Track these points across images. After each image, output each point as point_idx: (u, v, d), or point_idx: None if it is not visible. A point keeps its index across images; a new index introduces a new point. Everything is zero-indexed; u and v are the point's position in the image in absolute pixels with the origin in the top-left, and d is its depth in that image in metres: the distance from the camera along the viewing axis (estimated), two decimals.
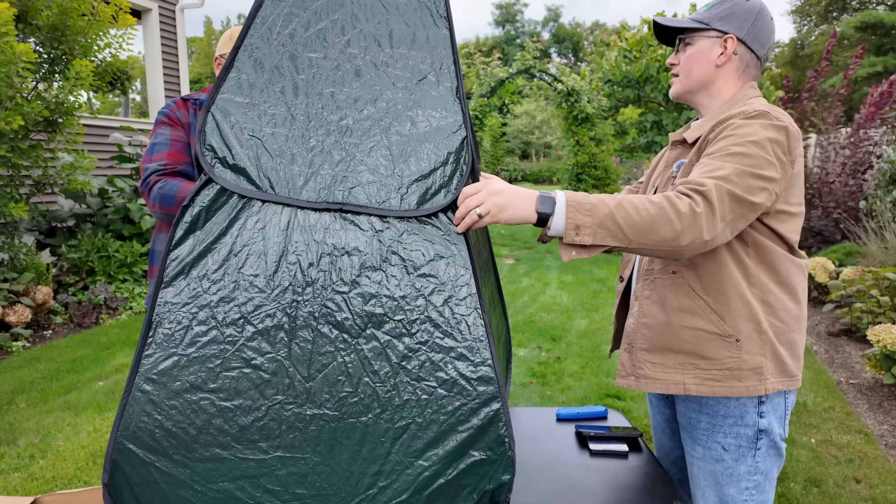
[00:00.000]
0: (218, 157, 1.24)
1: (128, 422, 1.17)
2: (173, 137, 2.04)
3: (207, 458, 1.17)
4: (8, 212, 4.66)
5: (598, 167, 10.64)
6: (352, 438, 1.18)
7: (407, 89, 1.28)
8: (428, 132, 1.26)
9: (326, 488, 1.18)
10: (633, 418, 3.44)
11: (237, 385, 1.18)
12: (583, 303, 6.23)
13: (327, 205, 1.21)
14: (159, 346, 1.18)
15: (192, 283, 1.20)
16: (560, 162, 20.28)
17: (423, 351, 1.18)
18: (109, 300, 5.66)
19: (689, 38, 1.50)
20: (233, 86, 1.27)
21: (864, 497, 2.66)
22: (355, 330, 1.19)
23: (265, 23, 1.30)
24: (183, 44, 9.88)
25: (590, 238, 1.18)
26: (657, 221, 1.18)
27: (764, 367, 1.36)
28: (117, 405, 3.61)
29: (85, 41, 4.97)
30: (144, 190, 1.97)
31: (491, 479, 1.18)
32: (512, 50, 13.23)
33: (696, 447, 1.46)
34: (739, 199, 1.25)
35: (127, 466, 1.17)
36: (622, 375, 1.49)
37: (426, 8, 1.31)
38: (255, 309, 1.19)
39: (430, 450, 1.17)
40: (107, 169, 7.28)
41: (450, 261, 1.21)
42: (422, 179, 1.23)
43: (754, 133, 1.31)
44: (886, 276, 4.58)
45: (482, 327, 1.20)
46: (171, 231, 1.22)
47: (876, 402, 3.71)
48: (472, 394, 1.18)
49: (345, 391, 1.18)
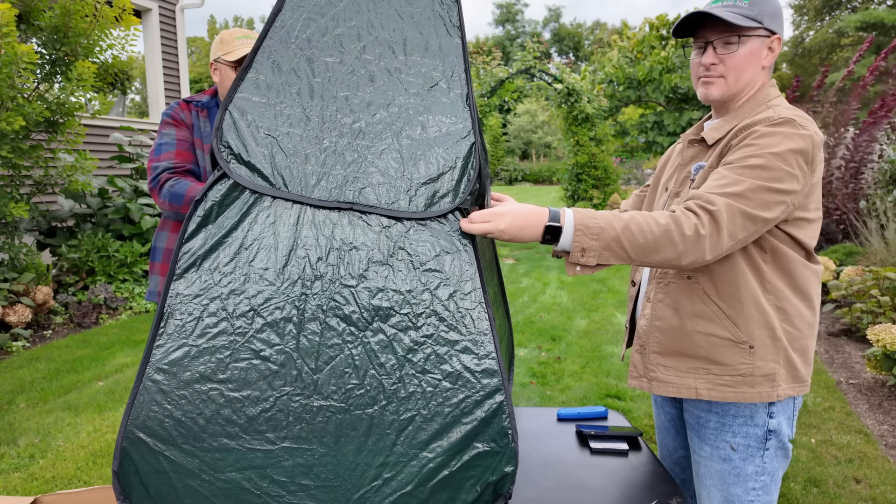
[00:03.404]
0: (234, 154, 1.27)
1: (138, 411, 1.19)
2: (179, 137, 2.07)
3: (215, 448, 1.19)
4: (8, 212, 4.67)
5: (598, 167, 10.65)
6: (358, 430, 1.20)
7: (419, 95, 1.32)
8: (437, 137, 1.30)
9: (332, 479, 1.20)
10: (633, 418, 3.44)
11: (246, 376, 1.20)
12: (583, 303, 6.24)
13: (338, 204, 1.25)
14: (170, 336, 1.21)
15: (204, 275, 1.23)
16: (560, 162, 20.29)
17: (428, 344, 1.21)
18: (109, 300, 5.66)
19: (744, 37, 1.37)
20: (250, 86, 1.31)
21: (864, 497, 2.66)
22: (362, 323, 1.22)
23: (283, 27, 1.34)
24: (183, 44, 9.88)
25: (594, 259, 1.23)
26: (661, 243, 1.21)
27: (777, 373, 1.35)
28: (117, 405, 3.61)
29: (87, 43, 4.97)
30: (155, 187, 2.00)
31: (494, 470, 1.21)
32: (513, 50, 13.22)
33: (703, 446, 1.45)
34: (752, 217, 1.25)
35: (136, 455, 1.19)
36: (634, 376, 1.48)
37: (439, 17, 1.35)
38: (265, 301, 1.22)
39: (434, 441, 1.20)
40: (107, 169, 7.28)
41: (455, 256, 1.25)
42: (430, 183, 1.27)
43: (777, 144, 1.27)
44: (887, 276, 4.58)
45: (486, 321, 1.23)
46: (184, 224, 1.25)
47: (876, 402, 3.71)
48: (476, 386, 1.21)
49: (351, 383, 1.21)
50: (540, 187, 26.22)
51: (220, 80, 2.09)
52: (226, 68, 2.05)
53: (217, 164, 1.28)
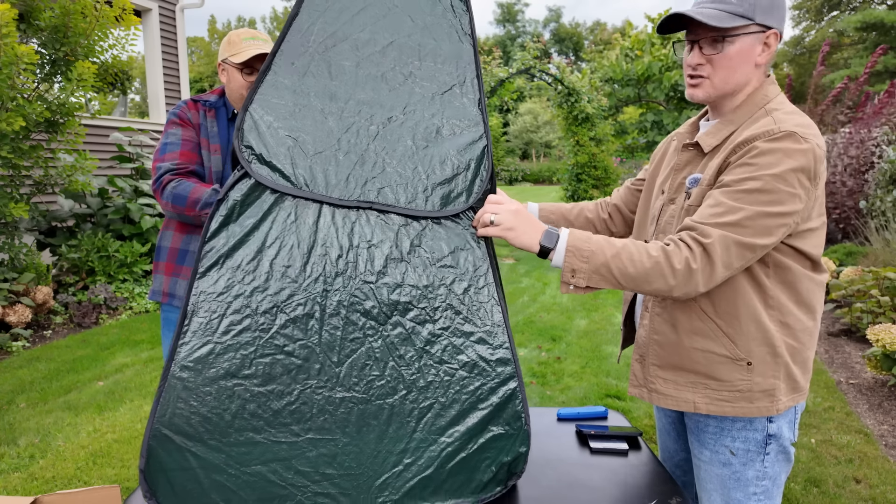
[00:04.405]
0: (255, 154, 1.31)
1: (164, 408, 1.22)
2: (184, 137, 2.07)
3: (241, 443, 1.23)
4: (8, 212, 4.67)
5: (598, 167, 10.65)
6: (379, 419, 1.26)
7: (433, 99, 1.38)
8: (452, 140, 1.36)
9: (354, 468, 1.25)
10: (633, 418, 3.44)
11: (270, 371, 1.24)
12: (583, 303, 6.24)
13: (358, 203, 1.30)
14: (195, 334, 1.24)
15: (227, 273, 1.26)
16: (560, 162, 20.28)
17: (445, 336, 1.29)
18: (109, 300, 5.67)
19: (730, 37, 1.28)
20: (270, 88, 1.35)
21: (864, 497, 2.66)
22: (382, 317, 1.28)
23: (300, 31, 1.38)
24: (183, 44, 9.88)
25: (584, 281, 1.26)
26: (651, 275, 1.23)
27: (776, 388, 1.32)
28: (117, 405, 3.62)
29: (88, 43, 4.97)
30: (157, 189, 2.00)
31: (509, 451, 1.30)
32: (513, 50, 13.24)
33: (703, 450, 1.43)
34: (749, 246, 1.22)
35: (163, 452, 1.22)
36: (634, 385, 1.47)
37: (452, 25, 1.41)
38: (288, 298, 1.26)
39: (452, 427, 1.27)
40: (107, 169, 7.28)
41: (470, 253, 1.32)
42: (445, 183, 1.34)
43: (776, 163, 1.21)
44: (887, 276, 4.58)
45: (500, 313, 1.31)
46: (206, 223, 1.28)
47: (876, 402, 3.71)
48: (491, 374, 1.29)
49: (372, 375, 1.27)
50: (540, 187, 26.20)
51: (228, 81, 2.09)
52: (233, 69, 2.05)
53: (238, 164, 1.32)
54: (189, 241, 2.08)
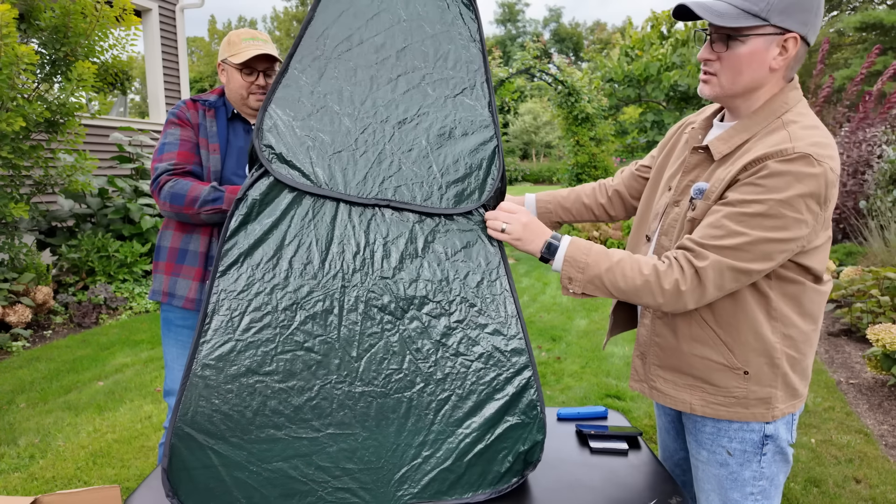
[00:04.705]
0: (275, 153, 1.34)
1: (186, 407, 1.23)
2: (183, 137, 2.06)
3: (263, 439, 1.24)
4: (8, 212, 4.67)
5: (598, 167, 10.64)
6: (398, 412, 1.29)
7: (446, 102, 1.43)
8: (464, 140, 1.41)
9: (374, 461, 1.27)
10: (633, 418, 3.44)
11: (291, 367, 1.26)
12: (583, 303, 6.24)
13: (376, 200, 1.34)
14: (216, 332, 1.26)
15: (247, 271, 1.29)
16: (560, 162, 20.28)
17: (460, 328, 1.32)
18: (109, 300, 5.67)
19: (740, 36, 1.22)
20: (287, 89, 1.39)
21: (864, 497, 2.66)
22: (399, 311, 1.31)
23: (315, 35, 1.41)
24: (183, 44, 9.89)
25: (579, 290, 1.32)
26: (641, 292, 1.27)
27: (773, 396, 1.32)
28: (117, 405, 3.62)
29: (88, 43, 4.97)
30: (155, 189, 2.00)
31: (525, 440, 1.33)
32: (513, 49, 13.27)
33: (700, 450, 1.43)
34: (746, 271, 1.21)
35: (185, 451, 1.23)
36: (636, 380, 1.48)
37: (461, 31, 1.46)
38: (307, 295, 1.29)
39: (469, 418, 1.30)
40: (107, 169, 7.28)
41: (482, 248, 1.37)
42: (459, 181, 1.38)
43: (785, 187, 1.16)
44: (887, 276, 4.58)
45: (513, 305, 1.35)
46: (226, 222, 1.30)
47: (876, 402, 3.71)
48: (506, 364, 1.32)
49: (391, 368, 1.29)
50: (540, 187, 26.21)
51: (227, 81, 2.09)
52: (233, 69, 2.05)
53: (254, 164, 1.35)
54: (188, 241, 2.08)
